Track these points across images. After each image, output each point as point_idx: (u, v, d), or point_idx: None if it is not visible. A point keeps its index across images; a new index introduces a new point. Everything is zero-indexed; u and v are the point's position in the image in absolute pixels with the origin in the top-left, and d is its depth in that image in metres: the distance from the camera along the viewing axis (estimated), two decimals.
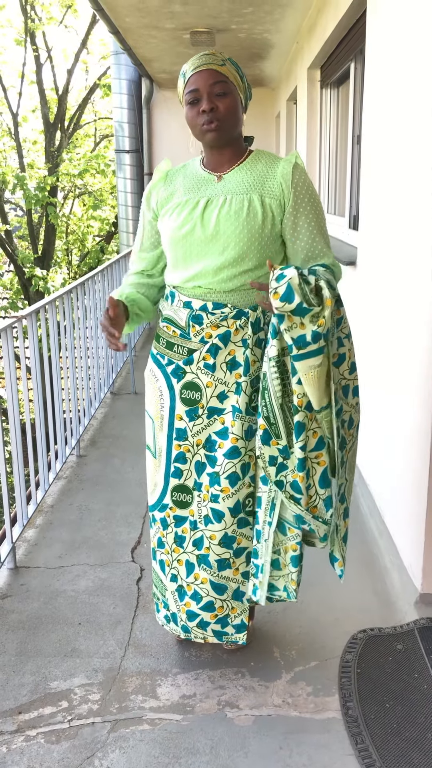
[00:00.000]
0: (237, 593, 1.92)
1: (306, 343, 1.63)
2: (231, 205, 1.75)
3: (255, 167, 1.80)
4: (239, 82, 1.77)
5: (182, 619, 1.97)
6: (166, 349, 1.88)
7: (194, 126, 1.77)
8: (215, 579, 1.89)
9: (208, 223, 1.75)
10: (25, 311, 2.91)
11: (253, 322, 1.78)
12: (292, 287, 1.59)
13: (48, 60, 13.22)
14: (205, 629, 1.95)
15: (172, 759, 1.75)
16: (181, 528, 1.92)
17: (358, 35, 3.64)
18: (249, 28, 5.43)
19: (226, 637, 1.97)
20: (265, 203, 1.75)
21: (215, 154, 1.82)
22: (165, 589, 2.00)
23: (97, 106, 15.36)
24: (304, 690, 1.97)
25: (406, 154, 2.43)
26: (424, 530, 2.20)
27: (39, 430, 3.09)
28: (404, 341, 2.45)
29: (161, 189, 1.88)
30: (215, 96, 1.73)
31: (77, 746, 1.79)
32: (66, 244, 15.08)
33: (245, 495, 1.83)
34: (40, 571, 2.61)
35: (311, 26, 4.86)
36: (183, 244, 1.79)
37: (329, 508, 1.79)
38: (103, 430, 4.20)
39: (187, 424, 1.85)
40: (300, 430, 1.71)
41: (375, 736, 1.78)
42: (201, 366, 1.81)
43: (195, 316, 1.80)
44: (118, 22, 5.22)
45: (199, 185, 1.81)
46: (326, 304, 1.62)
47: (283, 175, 1.76)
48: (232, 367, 1.80)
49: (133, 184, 8.42)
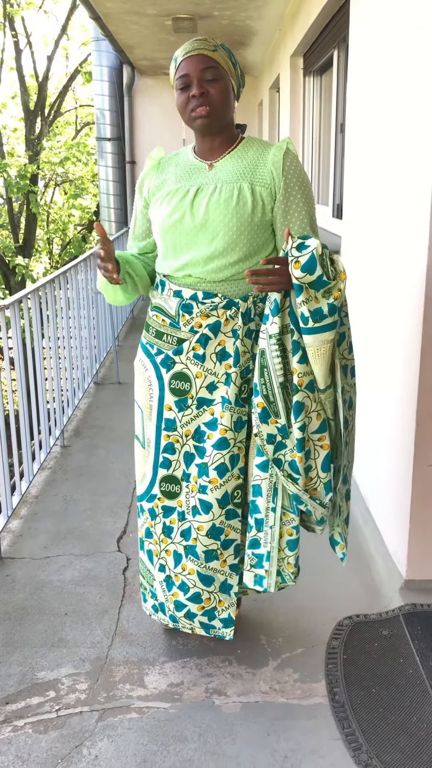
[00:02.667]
0: (224, 585, 1.91)
1: (323, 315, 1.60)
2: (221, 193, 1.73)
3: (246, 155, 1.78)
4: (231, 68, 1.75)
5: (170, 609, 1.97)
6: (155, 339, 1.87)
7: (184, 112, 1.75)
8: (202, 570, 1.88)
9: (197, 212, 1.74)
10: (6, 301, 2.88)
11: (243, 312, 1.77)
12: (315, 257, 1.57)
13: (27, 46, 13.06)
14: (192, 620, 1.95)
15: (160, 746, 1.76)
16: (169, 518, 1.92)
17: (341, 23, 3.63)
18: (231, 14, 5.40)
19: (213, 631, 1.95)
20: (256, 191, 1.74)
21: (206, 141, 1.81)
22: (153, 579, 2.00)
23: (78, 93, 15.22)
24: (291, 676, 1.99)
25: (389, 142, 2.43)
26: (409, 518, 2.22)
27: (22, 420, 3.06)
28: (388, 331, 2.46)
29: (153, 177, 1.86)
30: (206, 81, 1.71)
31: (65, 735, 1.80)
32: (47, 233, 14.95)
33: (234, 487, 1.82)
34: (25, 562, 2.59)
35: (294, 13, 4.83)
36: (172, 232, 1.77)
37: (329, 491, 1.78)
38: (87, 420, 4.19)
39: (176, 415, 1.84)
40: (299, 409, 1.68)
41: (361, 721, 1.80)
42: (190, 356, 1.80)
43: (185, 305, 1.79)
44: (99, 8, 5.16)
45: (190, 173, 1.80)
46: (340, 278, 1.61)
47: (274, 162, 1.74)
48: (221, 358, 1.79)
49: (115, 173, 8.36)
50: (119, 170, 8.36)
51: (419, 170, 2.09)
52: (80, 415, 4.27)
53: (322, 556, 2.50)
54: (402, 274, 2.29)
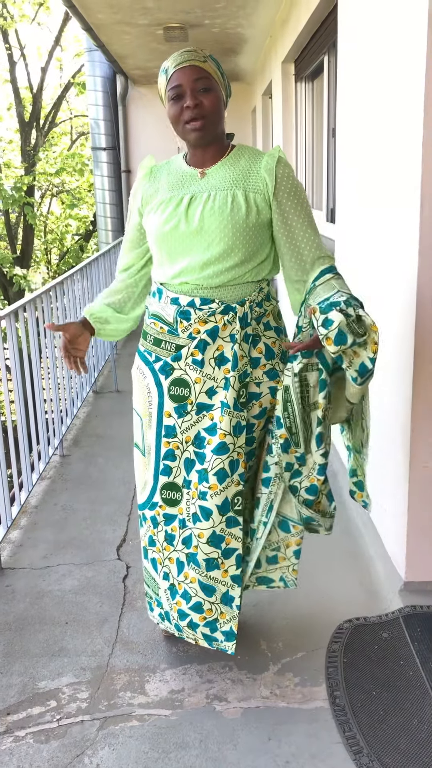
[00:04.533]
0: (226, 597, 1.89)
1: (367, 370, 1.71)
2: (215, 200, 1.75)
3: (238, 162, 1.80)
4: (220, 78, 1.77)
5: (174, 618, 1.96)
6: (153, 346, 1.88)
7: (177, 123, 1.76)
8: (203, 579, 1.86)
9: (193, 219, 1.76)
10: (3, 311, 2.90)
11: (240, 317, 1.79)
12: (342, 330, 1.65)
13: (21, 58, 13.13)
14: (195, 630, 1.93)
15: (161, 754, 1.76)
16: (171, 526, 1.91)
17: (331, 28, 3.65)
18: (222, 22, 5.43)
19: (215, 644, 1.93)
20: (249, 198, 1.75)
21: (198, 151, 1.82)
22: (158, 587, 2.00)
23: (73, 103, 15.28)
24: (291, 681, 1.99)
25: (380, 146, 2.45)
26: (407, 520, 2.22)
27: (21, 430, 3.07)
28: (381, 334, 2.47)
29: (146, 186, 1.88)
30: (198, 92, 1.72)
31: (66, 745, 1.80)
32: (45, 244, 15.00)
33: (234, 493, 1.81)
34: (25, 572, 2.60)
35: (284, 20, 4.86)
36: (168, 240, 1.79)
37: (332, 501, 1.90)
38: (86, 429, 4.19)
39: (176, 421, 1.85)
40: (321, 439, 1.82)
41: (362, 724, 1.80)
42: (189, 362, 1.81)
43: (182, 312, 1.81)
44: (91, 19, 5.19)
45: (183, 182, 1.81)
46: (372, 330, 1.68)
47: (267, 170, 1.76)
48: (220, 363, 1.80)
49: (111, 182, 8.39)
50: (115, 179, 8.39)
51: (408, 173, 2.10)
52: (79, 424, 4.27)
53: (322, 560, 2.50)
54: (394, 277, 2.30)
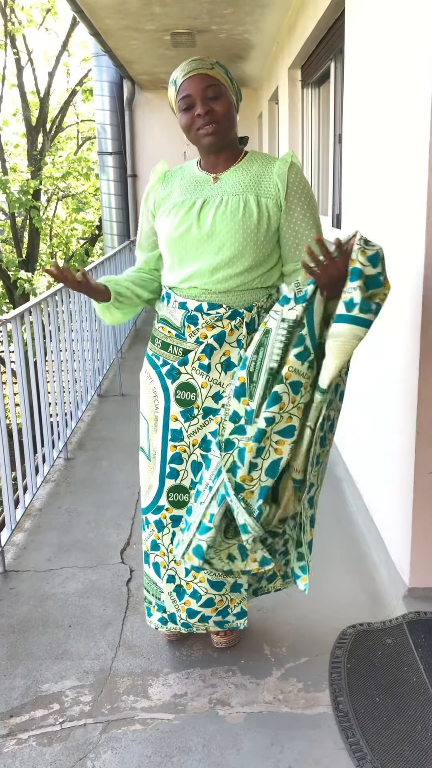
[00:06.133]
0: (235, 586, 1.96)
1: (369, 309, 1.55)
2: (227, 205, 1.76)
3: (251, 168, 1.82)
4: (229, 84, 1.79)
5: (182, 618, 2.00)
6: (161, 350, 1.89)
7: (190, 131, 1.78)
8: (213, 577, 1.92)
9: (204, 223, 1.77)
10: (9, 315, 2.91)
11: (248, 322, 1.80)
12: (380, 255, 1.57)
13: (29, 63, 13.18)
14: (206, 622, 2.00)
15: (164, 758, 1.75)
16: (178, 527, 1.93)
17: (338, 35, 3.66)
18: (229, 28, 5.45)
19: (227, 625, 2.02)
20: (261, 203, 1.76)
21: (211, 157, 1.84)
22: (160, 592, 2.01)
23: (80, 108, 15.34)
24: (294, 686, 1.98)
25: (387, 152, 2.45)
26: (411, 525, 2.22)
27: (26, 433, 3.08)
28: (387, 339, 2.47)
29: (159, 190, 1.89)
30: (208, 99, 1.74)
31: (69, 748, 1.79)
32: (50, 247, 15.04)
33: None
34: (29, 575, 2.60)
35: (291, 26, 4.88)
36: (179, 244, 1.80)
37: (261, 497, 1.72)
38: (91, 432, 4.20)
39: (182, 425, 1.86)
40: (274, 401, 1.65)
41: (366, 730, 1.80)
42: (196, 366, 1.82)
43: (190, 317, 1.82)
44: (98, 24, 5.22)
45: (196, 186, 1.83)
46: (388, 286, 1.59)
47: (279, 175, 1.78)
48: (227, 368, 1.81)
49: (117, 186, 8.42)
50: (121, 184, 8.42)
51: (414, 179, 2.11)
52: (84, 427, 4.28)
53: (326, 566, 2.50)
54: (399, 283, 2.30)
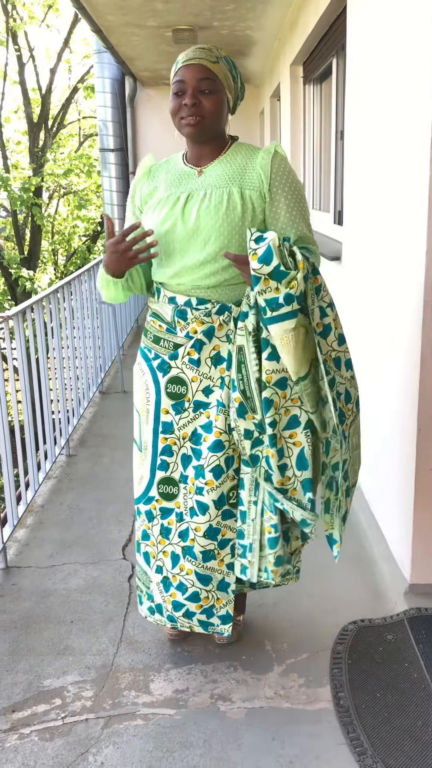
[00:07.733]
0: (222, 584, 1.94)
1: (279, 305, 1.61)
2: (211, 199, 1.76)
3: (234, 159, 1.80)
4: (230, 82, 1.77)
5: (168, 610, 1.99)
6: (153, 343, 1.90)
7: (175, 116, 1.78)
8: (200, 570, 1.91)
9: (189, 219, 1.76)
10: (11, 311, 2.91)
11: (236, 317, 1.79)
12: (272, 249, 1.58)
13: (30, 59, 13.16)
14: (191, 619, 1.97)
15: (165, 753, 1.76)
16: (167, 520, 1.94)
17: (339, 31, 3.66)
18: (231, 24, 5.44)
19: (211, 628, 1.98)
20: (245, 195, 1.75)
21: (196, 148, 1.83)
22: (150, 581, 2.02)
23: (81, 105, 15.32)
24: (295, 682, 1.99)
25: (389, 148, 2.45)
26: (412, 521, 2.22)
27: (28, 430, 3.08)
28: (389, 335, 2.47)
29: (144, 185, 1.89)
30: (200, 92, 1.72)
31: (71, 743, 1.80)
32: (52, 245, 15.04)
33: (229, 488, 1.85)
34: (31, 571, 2.61)
35: (293, 22, 4.87)
36: (165, 240, 1.79)
37: (307, 491, 1.77)
38: (93, 429, 4.20)
39: (173, 418, 1.87)
40: (268, 406, 1.71)
41: (366, 726, 1.80)
42: (186, 361, 1.83)
43: (180, 312, 1.82)
44: (100, 21, 5.21)
45: (180, 180, 1.82)
46: (299, 267, 1.61)
47: (263, 165, 1.76)
48: (216, 362, 1.82)
49: (119, 183, 8.41)
50: (123, 181, 8.41)
51: (416, 176, 2.10)
52: (85, 424, 4.28)
53: (326, 562, 2.50)
54: (401, 279, 2.30)
